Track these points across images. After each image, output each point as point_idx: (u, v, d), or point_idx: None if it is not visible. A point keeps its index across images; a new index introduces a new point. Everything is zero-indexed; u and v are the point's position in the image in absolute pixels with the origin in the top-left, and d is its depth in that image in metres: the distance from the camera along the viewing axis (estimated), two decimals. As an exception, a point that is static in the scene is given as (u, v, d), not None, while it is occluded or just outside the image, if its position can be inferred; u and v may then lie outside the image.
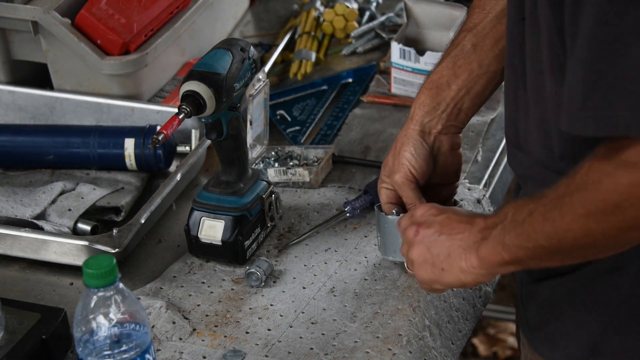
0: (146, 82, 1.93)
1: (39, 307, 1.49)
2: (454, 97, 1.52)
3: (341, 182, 1.79)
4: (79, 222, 1.70)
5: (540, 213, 1.24)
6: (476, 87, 1.53)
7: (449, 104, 1.52)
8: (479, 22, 1.53)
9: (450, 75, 1.53)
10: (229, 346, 1.48)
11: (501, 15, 1.50)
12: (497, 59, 1.51)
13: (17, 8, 1.86)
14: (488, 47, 1.52)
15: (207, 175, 1.83)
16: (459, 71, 1.52)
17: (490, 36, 1.52)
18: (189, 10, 1.99)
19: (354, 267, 1.61)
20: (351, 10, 2.17)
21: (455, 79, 1.52)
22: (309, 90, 2.04)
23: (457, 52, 1.53)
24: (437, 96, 1.52)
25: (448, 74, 1.53)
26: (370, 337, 1.48)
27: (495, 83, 1.54)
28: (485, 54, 1.52)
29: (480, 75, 1.52)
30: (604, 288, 1.34)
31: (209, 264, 1.64)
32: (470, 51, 1.52)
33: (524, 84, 1.36)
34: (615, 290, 1.34)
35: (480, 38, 1.52)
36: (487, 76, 1.53)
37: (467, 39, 1.53)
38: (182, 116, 1.50)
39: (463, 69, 1.52)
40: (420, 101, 1.53)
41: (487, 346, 3.06)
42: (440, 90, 1.52)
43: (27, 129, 1.87)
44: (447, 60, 1.53)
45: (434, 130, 1.53)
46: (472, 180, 1.77)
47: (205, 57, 1.56)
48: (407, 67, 1.94)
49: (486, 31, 1.52)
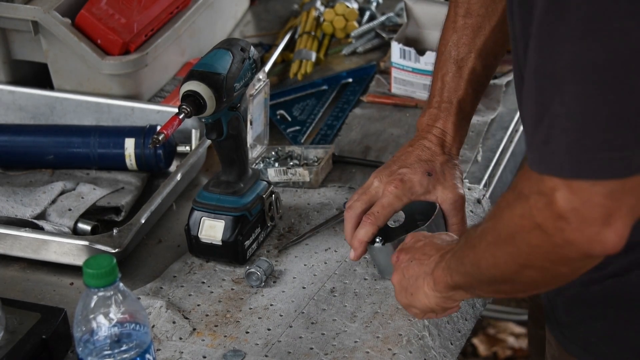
0: (146, 82, 1.93)
1: (39, 307, 1.49)
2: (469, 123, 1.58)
3: (341, 182, 1.79)
4: (79, 222, 1.70)
5: (469, 240, 1.28)
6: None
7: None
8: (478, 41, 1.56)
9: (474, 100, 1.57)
10: (229, 346, 1.49)
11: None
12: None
13: (17, 8, 1.86)
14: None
15: (207, 175, 1.83)
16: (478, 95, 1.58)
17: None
18: (189, 10, 1.99)
19: (354, 267, 1.61)
20: (351, 10, 2.17)
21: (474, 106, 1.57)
22: (309, 90, 2.04)
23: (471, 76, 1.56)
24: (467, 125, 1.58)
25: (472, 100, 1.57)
26: (370, 337, 1.48)
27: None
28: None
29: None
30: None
31: (209, 264, 1.64)
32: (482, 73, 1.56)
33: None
34: None
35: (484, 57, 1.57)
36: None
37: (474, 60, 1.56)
38: (182, 116, 1.51)
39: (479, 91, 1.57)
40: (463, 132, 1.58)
41: (487, 346, 3.06)
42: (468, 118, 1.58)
43: (27, 129, 1.87)
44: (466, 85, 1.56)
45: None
46: (472, 180, 1.77)
47: (206, 57, 1.56)
48: (408, 67, 1.94)
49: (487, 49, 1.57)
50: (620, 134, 1.08)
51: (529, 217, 1.13)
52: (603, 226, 1.09)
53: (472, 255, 1.26)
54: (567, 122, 1.09)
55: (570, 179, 1.09)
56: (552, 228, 1.11)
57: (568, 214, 1.09)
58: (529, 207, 1.13)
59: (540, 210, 1.11)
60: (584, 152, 1.08)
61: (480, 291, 1.34)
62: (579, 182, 1.08)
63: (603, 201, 1.08)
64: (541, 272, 1.18)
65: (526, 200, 1.13)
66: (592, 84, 1.08)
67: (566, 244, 1.11)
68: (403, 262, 1.43)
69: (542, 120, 1.11)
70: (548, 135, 1.10)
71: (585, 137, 1.08)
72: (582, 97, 1.08)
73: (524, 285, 1.24)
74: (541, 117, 1.11)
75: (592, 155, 1.08)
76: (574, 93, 1.08)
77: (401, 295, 1.43)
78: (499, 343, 3.06)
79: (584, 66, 1.08)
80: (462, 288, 1.33)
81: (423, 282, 1.38)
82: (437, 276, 1.35)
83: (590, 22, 1.07)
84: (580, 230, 1.09)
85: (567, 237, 1.10)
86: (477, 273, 1.27)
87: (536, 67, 1.12)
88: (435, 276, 1.36)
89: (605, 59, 1.07)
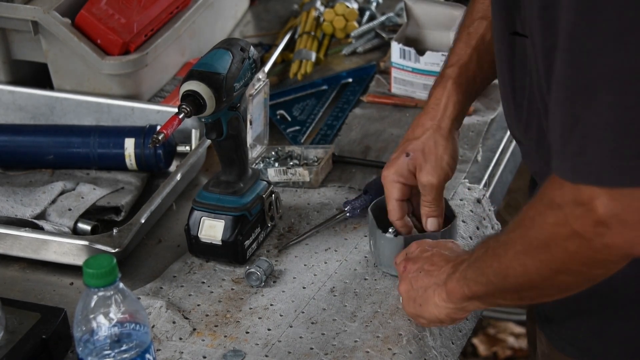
0: (146, 82, 1.93)
1: (39, 307, 1.49)
2: (477, 90, 1.53)
3: (341, 182, 1.79)
4: (79, 222, 1.70)
5: (492, 249, 1.28)
6: (492, 77, 1.54)
7: (473, 97, 1.54)
8: None
9: (476, 69, 1.52)
10: (229, 346, 1.49)
11: None
12: None
13: (17, 8, 1.86)
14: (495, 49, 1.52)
15: (207, 175, 1.83)
16: (483, 64, 1.53)
17: None
18: (189, 10, 1.99)
19: (354, 267, 1.61)
20: (351, 10, 2.17)
21: (481, 72, 1.53)
22: (309, 90, 2.04)
23: (479, 44, 1.52)
24: (467, 92, 1.53)
25: (474, 68, 1.52)
26: (370, 336, 1.48)
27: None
28: None
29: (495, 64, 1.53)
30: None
31: (209, 263, 1.64)
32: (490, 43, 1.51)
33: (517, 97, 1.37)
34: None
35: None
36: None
37: (486, 29, 1.52)
38: (182, 116, 1.51)
39: (485, 60, 1.52)
40: (456, 99, 1.52)
41: (487, 346, 3.06)
42: (469, 85, 1.53)
43: (27, 129, 1.87)
44: (471, 52, 1.52)
45: (459, 127, 1.54)
46: (472, 180, 1.77)
47: (205, 57, 1.56)
48: (407, 67, 1.94)
49: None
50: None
51: (564, 224, 1.15)
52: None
53: (497, 265, 1.27)
54: (604, 132, 1.11)
55: (610, 188, 1.11)
56: (592, 234, 1.13)
57: (609, 220, 1.11)
58: (564, 216, 1.14)
59: (577, 217, 1.13)
60: (622, 161, 1.10)
61: (502, 300, 1.34)
62: (620, 189, 1.10)
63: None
64: (575, 276, 1.20)
65: (560, 209, 1.15)
66: (628, 94, 1.09)
67: (605, 248, 1.13)
68: (411, 272, 1.43)
69: (574, 130, 1.13)
70: (582, 145, 1.12)
71: (623, 146, 1.10)
72: (618, 107, 1.10)
73: (554, 289, 1.25)
74: (572, 127, 1.13)
75: (629, 163, 1.10)
76: (610, 103, 1.10)
77: (409, 305, 1.43)
78: (499, 343, 3.07)
79: (619, 76, 1.10)
80: (480, 298, 1.34)
81: (433, 294, 1.38)
82: (451, 288, 1.35)
83: (624, 33, 1.08)
84: (621, 234, 1.12)
85: (607, 241, 1.13)
86: (501, 282, 1.28)
87: (567, 79, 1.14)
88: (448, 288, 1.36)
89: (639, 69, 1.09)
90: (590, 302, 1.34)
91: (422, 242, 1.48)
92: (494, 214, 1.73)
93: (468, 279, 1.33)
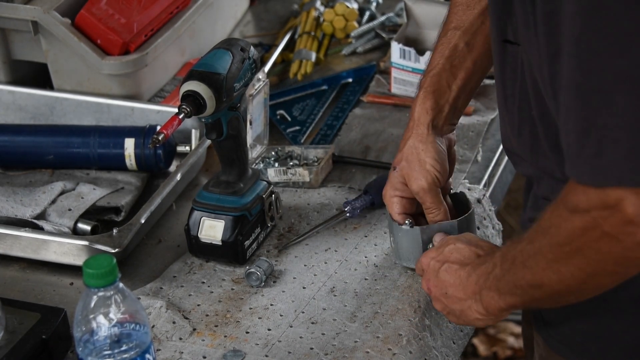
0: (146, 82, 1.93)
1: (39, 307, 1.49)
2: (454, 97, 1.53)
3: (341, 182, 1.79)
4: (79, 222, 1.70)
5: (520, 261, 1.28)
6: (471, 84, 1.55)
7: (451, 105, 1.54)
8: (466, 19, 1.54)
9: (449, 76, 1.54)
10: (229, 346, 1.48)
11: (486, 11, 1.51)
12: (488, 55, 1.53)
13: (17, 8, 1.86)
14: (480, 44, 1.54)
15: (207, 175, 1.83)
16: (456, 71, 1.54)
17: (479, 33, 1.54)
18: (189, 10, 1.99)
19: (354, 267, 1.61)
20: (351, 10, 2.17)
21: (454, 80, 1.54)
22: (309, 90, 2.04)
23: (452, 53, 1.54)
24: (440, 99, 1.53)
25: (447, 76, 1.54)
26: (370, 337, 1.48)
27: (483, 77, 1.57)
28: (478, 52, 1.53)
29: (475, 71, 1.54)
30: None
31: (209, 264, 1.64)
32: (465, 50, 1.53)
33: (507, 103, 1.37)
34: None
35: (471, 36, 1.54)
36: (480, 72, 1.56)
37: (458, 38, 1.54)
38: (182, 116, 1.50)
39: (459, 68, 1.54)
40: (428, 106, 1.53)
41: (487, 346, 3.06)
42: (442, 92, 1.54)
43: (27, 129, 1.87)
44: (444, 61, 1.54)
45: (442, 132, 1.55)
46: (472, 180, 1.77)
47: (205, 57, 1.56)
48: (407, 67, 1.94)
49: (475, 28, 1.53)
50: None
51: (594, 228, 1.15)
52: None
53: (530, 277, 1.27)
54: (621, 133, 1.11)
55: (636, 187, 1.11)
56: (623, 234, 1.14)
57: (638, 219, 1.12)
58: (593, 219, 1.15)
59: (606, 219, 1.14)
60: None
61: (538, 305, 1.35)
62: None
63: None
64: (611, 277, 1.21)
65: (587, 214, 1.15)
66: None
67: (637, 246, 1.14)
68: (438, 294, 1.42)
69: (589, 134, 1.13)
70: (600, 148, 1.13)
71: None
72: (632, 107, 1.10)
73: (590, 291, 1.26)
74: (588, 131, 1.13)
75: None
76: (625, 104, 1.10)
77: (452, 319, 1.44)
78: (499, 343, 3.07)
79: (631, 77, 1.10)
80: (519, 307, 1.35)
81: (471, 311, 1.38)
82: (487, 302, 1.35)
83: (631, 34, 1.09)
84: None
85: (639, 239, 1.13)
86: (537, 292, 1.28)
87: (578, 84, 1.14)
88: (484, 303, 1.36)
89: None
90: (587, 304, 1.34)
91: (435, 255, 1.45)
92: (494, 213, 1.73)
93: (502, 292, 1.32)
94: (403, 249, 1.56)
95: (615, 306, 1.34)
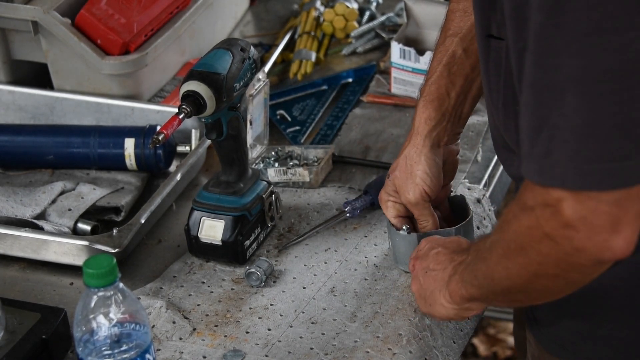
0: (146, 82, 1.93)
1: (39, 307, 1.49)
2: (454, 105, 1.53)
3: (341, 182, 1.79)
4: (79, 222, 1.70)
5: (480, 253, 1.28)
6: (472, 90, 1.54)
7: (451, 113, 1.53)
8: (464, 25, 1.54)
9: (448, 84, 1.53)
10: (229, 346, 1.49)
11: None
12: None
13: (17, 8, 1.86)
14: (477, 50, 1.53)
15: (207, 175, 1.83)
16: (455, 79, 1.53)
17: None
18: (189, 10, 1.99)
19: (354, 267, 1.61)
20: (351, 10, 2.17)
21: (454, 87, 1.53)
22: (309, 90, 2.04)
23: (450, 60, 1.53)
24: (440, 107, 1.53)
25: (446, 83, 1.53)
26: (370, 336, 1.48)
27: None
28: (476, 57, 1.52)
29: (474, 78, 1.53)
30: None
31: (209, 264, 1.64)
32: (463, 56, 1.53)
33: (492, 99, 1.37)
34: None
35: (469, 42, 1.53)
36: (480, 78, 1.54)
37: (456, 45, 1.53)
38: (182, 116, 1.51)
39: (458, 75, 1.53)
40: (426, 116, 1.53)
41: (487, 346, 3.06)
42: (442, 101, 1.53)
43: (27, 129, 1.87)
44: (442, 68, 1.53)
45: (441, 143, 1.54)
46: (472, 180, 1.77)
47: (206, 57, 1.56)
48: (407, 67, 1.94)
49: (472, 34, 1.52)
50: (621, 144, 1.09)
51: (536, 227, 1.14)
52: (611, 233, 1.10)
53: (485, 269, 1.27)
54: (568, 134, 1.10)
55: (575, 191, 1.10)
56: (561, 237, 1.12)
57: (576, 223, 1.10)
58: (536, 218, 1.14)
59: (547, 220, 1.13)
60: (587, 164, 1.09)
61: (496, 302, 1.35)
62: (586, 192, 1.10)
63: (610, 209, 1.09)
64: (553, 280, 1.20)
65: (532, 211, 1.14)
66: (593, 96, 1.08)
67: (575, 251, 1.12)
68: (419, 271, 1.44)
69: (541, 132, 1.12)
70: (548, 147, 1.11)
71: (587, 148, 1.09)
72: (582, 109, 1.09)
73: (538, 293, 1.25)
74: (539, 129, 1.12)
75: (594, 166, 1.09)
76: (575, 105, 1.09)
77: (421, 304, 1.45)
78: (499, 343, 3.07)
79: (584, 78, 1.08)
80: (478, 300, 1.35)
81: (439, 295, 1.39)
82: (452, 289, 1.36)
83: (590, 35, 1.07)
84: (589, 238, 1.11)
85: (576, 245, 1.12)
86: (490, 285, 1.28)
87: (534, 81, 1.13)
88: (450, 289, 1.37)
89: (605, 71, 1.08)
90: (579, 303, 1.35)
91: (430, 239, 1.48)
92: (494, 213, 1.73)
93: (465, 281, 1.33)
94: (400, 253, 1.57)
95: (609, 307, 1.34)
